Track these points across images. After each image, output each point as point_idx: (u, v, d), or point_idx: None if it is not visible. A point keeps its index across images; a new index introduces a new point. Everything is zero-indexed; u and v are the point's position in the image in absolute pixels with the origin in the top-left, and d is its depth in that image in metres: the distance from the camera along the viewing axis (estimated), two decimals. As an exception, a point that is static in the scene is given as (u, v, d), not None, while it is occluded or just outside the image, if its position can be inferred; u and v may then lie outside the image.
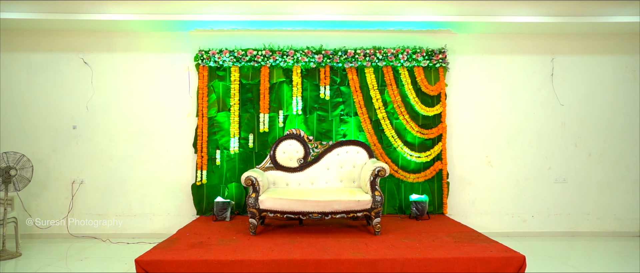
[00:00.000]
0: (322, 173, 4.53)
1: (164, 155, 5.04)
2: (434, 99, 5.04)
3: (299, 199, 3.86)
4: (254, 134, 4.98)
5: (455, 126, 5.12)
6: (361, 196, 3.90)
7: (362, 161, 4.48)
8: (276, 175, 4.49)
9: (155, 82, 5.06)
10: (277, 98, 5.01)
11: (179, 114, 5.06)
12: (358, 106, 4.98)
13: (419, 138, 5.01)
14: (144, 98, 5.05)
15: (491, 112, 5.13)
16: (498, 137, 5.13)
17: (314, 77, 5.02)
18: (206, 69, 5.00)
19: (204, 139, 4.96)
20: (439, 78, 5.05)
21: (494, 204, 5.10)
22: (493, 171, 5.11)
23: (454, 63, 5.13)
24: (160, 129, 5.05)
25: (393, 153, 5.01)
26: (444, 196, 5.01)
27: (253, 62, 4.95)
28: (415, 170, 5.01)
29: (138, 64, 5.06)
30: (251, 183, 3.91)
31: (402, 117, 4.98)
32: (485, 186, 5.10)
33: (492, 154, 5.12)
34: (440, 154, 5.03)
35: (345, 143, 4.61)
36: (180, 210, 5.02)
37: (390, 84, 5.00)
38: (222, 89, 5.01)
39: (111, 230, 4.97)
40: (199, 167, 4.94)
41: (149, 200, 5.02)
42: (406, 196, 4.98)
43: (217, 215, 4.64)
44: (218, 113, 4.98)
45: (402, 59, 4.96)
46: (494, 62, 5.15)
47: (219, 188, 4.96)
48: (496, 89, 5.14)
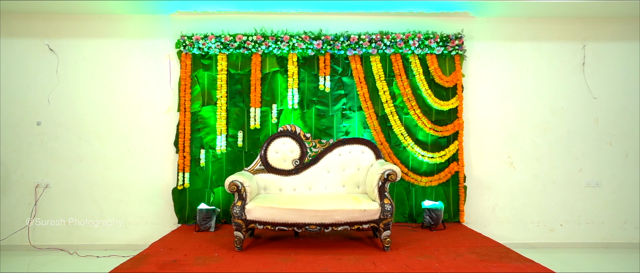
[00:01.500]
0: (321, 176, 3.90)
1: (141, 155, 4.42)
2: (449, 91, 4.42)
3: (293, 208, 3.24)
4: (244, 131, 4.36)
5: (472, 122, 4.50)
6: (367, 204, 3.28)
7: (368, 162, 3.85)
8: (268, 179, 3.87)
9: (131, 72, 4.44)
10: (270, 90, 4.39)
11: (159, 109, 4.44)
12: (362, 100, 4.36)
13: (432, 136, 4.39)
14: (118, 91, 4.43)
15: (514, 106, 4.51)
16: (521, 135, 4.51)
17: (312, 66, 4.40)
18: (189, 57, 4.38)
19: (186, 137, 4.34)
20: (454, 68, 4.43)
21: (517, 211, 4.48)
22: (516, 174, 4.49)
23: (472, 51, 4.51)
24: (137, 126, 4.43)
25: (402, 153, 4.39)
26: (460, 202, 4.39)
27: (242, 49, 4.33)
28: (428, 172, 4.39)
29: (111, 52, 4.44)
30: (236, 189, 3.29)
31: (413, 112, 4.36)
32: (507, 190, 4.49)
33: (515, 155, 4.50)
34: (456, 154, 4.41)
35: (349, 142, 3.99)
36: (160, 217, 4.41)
37: (400, 75, 4.38)
38: (208, 80, 4.39)
39: (80, 241, 4.35)
40: (181, 169, 4.32)
41: (123, 207, 4.40)
42: (417, 202, 4.36)
43: (199, 225, 4.02)
44: (203, 107, 4.37)
45: (413, 45, 4.33)
46: (517, 49, 4.53)
47: (204, 193, 4.34)
48: (519, 80, 4.52)
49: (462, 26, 4.44)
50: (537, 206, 4.48)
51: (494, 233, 4.37)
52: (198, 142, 4.37)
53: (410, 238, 3.71)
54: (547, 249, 4.35)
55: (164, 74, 4.46)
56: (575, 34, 4.51)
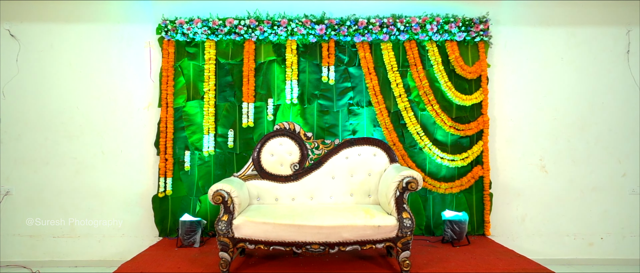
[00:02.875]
0: (325, 183, 3.30)
1: (117, 157, 3.84)
2: (472, 84, 3.83)
3: (291, 224, 2.65)
4: (235, 130, 3.78)
5: (498, 119, 3.91)
6: (382, 219, 2.69)
7: (380, 167, 3.25)
8: (261, 187, 3.27)
9: (105, 62, 3.87)
10: (266, 83, 3.80)
11: (137, 104, 3.87)
12: (372, 94, 3.77)
13: (452, 136, 3.80)
14: (90, 83, 3.85)
15: (546, 101, 3.92)
16: (555, 134, 3.91)
17: (314, 55, 3.81)
18: (172, 45, 3.80)
19: (168, 136, 3.75)
20: (478, 57, 3.84)
21: (551, 222, 3.89)
22: (549, 179, 3.90)
23: (498, 37, 3.92)
24: (112, 124, 3.85)
25: (418, 155, 3.80)
26: (485, 212, 3.80)
27: (234, 36, 3.74)
28: (448, 178, 3.80)
29: (83, 39, 3.86)
30: (222, 200, 2.70)
31: (431, 107, 3.76)
32: (538, 198, 3.89)
33: (548, 157, 3.91)
34: (481, 156, 3.82)
35: (357, 142, 3.39)
36: (138, 229, 3.83)
37: (415, 65, 3.79)
38: (193, 71, 3.81)
39: (46, 257, 3.78)
40: (163, 173, 3.74)
41: (97, 217, 3.83)
42: (436, 211, 3.77)
43: (182, 239, 3.44)
44: (187, 102, 3.79)
45: (431, 30, 3.74)
46: (550, 36, 3.93)
47: (188, 201, 3.75)
48: (553, 71, 3.93)
49: (486, 9, 3.84)
50: (573, 216, 3.89)
51: (524, 247, 3.79)
52: (182, 142, 3.78)
53: (431, 256, 3.12)
54: (585, 266, 3.77)
55: (143, 64, 3.88)
56: (617, 18, 3.91)
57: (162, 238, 3.74)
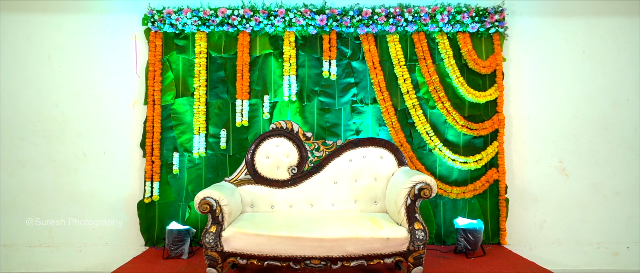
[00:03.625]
0: (326, 188, 2.99)
1: (99, 160, 3.53)
2: (485, 79, 3.53)
3: (289, 236, 2.34)
4: (228, 129, 3.47)
5: (514, 118, 3.61)
6: (391, 230, 2.38)
7: (387, 170, 2.94)
8: (255, 193, 2.96)
9: (87, 56, 3.56)
10: (261, 78, 3.50)
11: (122, 101, 3.56)
12: (377, 90, 3.46)
13: (464, 136, 3.50)
14: (71, 79, 3.55)
15: (566, 98, 3.62)
16: (576, 134, 3.61)
17: (314, 48, 3.50)
18: (159, 37, 3.49)
19: (155, 136, 3.45)
20: (493, 50, 3.53)
21: (571, 229, 3.59)
22: (569, 183, 3.60)
23: (514, 29, 3.61)
24: (94, 123, 3.55)
25: (427, 157, 3.49)
26: (501, 218, 3.49)
27: (226, 27, 3.44)
28: (460, 181, 3.50)
29: (63, 31, 3.56)
30: (209, 209, 2.38)
31: (441, 105, 3.46)
32: (558, 204, 3.59)
33: (568, 159, 3.60)
34: (495, 158, 3.51)
35: (362, 143, 3.07)
36: (123, 237, 3.52)
37: (424, 58, 3.48)
38: (183, 66, 3.50)
39: (22, 268, 3.48)
40: (149, 177, 3.43)
41: (78, 224, 3.52)
42: (447, 218, 3.47)
43: (169, 250, 3.13)
44: (176, 100, 3.48)
45: (441, 21, 3.43)
46: (570, 27, 3.63)
47: (177, 207, 3.44)
48: (573, 65, 3.63)
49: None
50: (596, 223, 3.58)
51: (542, 257, 3.48)
52: (170, 143, 3.47)
53: (444, 269, 2.81)
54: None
55: (128, 58, 3.57)
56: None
57: (149, 247, 3.43)
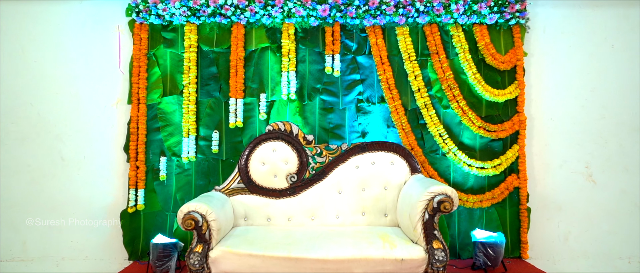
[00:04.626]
0: (329, 199, 2.65)
1: (79, 164, 3.21)
2: (505, 76, 3.21)
3: (287, 256, 2.01)
4: (221, 131, 3.15)
5: (536, 119, 3.29)
6: (405, 249, 2.05)
7: (399, 178, 2.61)
8: (250, 203, 2.63)
9: (65, 50, 3.25)
10: (257, 75, 3.17)
11: (104, 100, 3.25)
12: (385, 88, 3.14)
13: (481, 138, 3.17)
14: (47, 76, 3.24)
15: (593, 97, 3.29)
16: (604, 136, 3.29)
17: (316, 41, 3.18)
18: (145, 29, 3.17)
19: (140, 139, 3.12)
20: (513, 43, 3.21)
21: (599, 241, 3.27)
22: (597, 190, 3.27)
23: (536, 20, 3.29)
24: (73, 125, 3.23)
25: (441, 162, 3.16)
26: (522, 230, 3.17)
27: (219, 18, 3.11)
28: (476, 189, 3.17)
29: (38, 21, 3.25)
30: (195, 226, 2.05)
31: (456, 104, 3.13)
32: (584, 213, 3.27)
33: (595, 164, 3.28)
34: (516, 163, 3.19)
35: (370, 147, 2.75)
36: (105, 250, 3.21)
37: (437, 53, 3.16)
38: (171, 61, 3.18)
39: (-8, 285, 3.15)
40: (133, 184, 3.11)
41: (55, 236, 3.21)
42: (462, 229, 3.14)
43: (154, 265, 2.80)
44: (163, 98, 3.16)
45: (456, 11, 3.10)
46: (598, 18, 3.30)
47: (164, 217, 3.12)
48: (601, 60, 3.30)
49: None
50: (626, 234, 3.26)
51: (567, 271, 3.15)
52: (157, 146, 3.15)
53: (463, 291, 2.48)
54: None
55: (111, 52, 3.25)
56: (679, -3, 3.28)
57: (132, 262, 3.11)
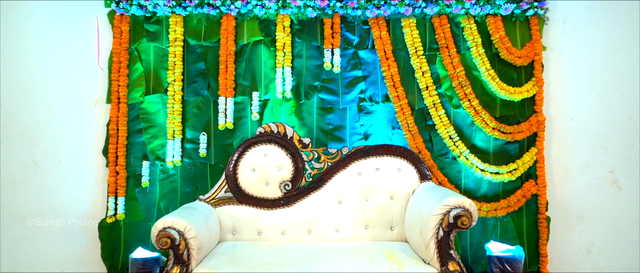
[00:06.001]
0: (328, 210, 2.37)
1: (53, 170, 2.94)
2: (521, 72, 2.94)
3: (278, 280, 1.72)
4: (209, 133, 2.87)
5: (555, 119, 3.01)
6: (415, 270, 1.75)
7: (407, 186, 2.33)
8: (238, 215, 2.34)
9: (38, 43, 2.97)
10: (250, 71, 2.90)
11: (81, 99, 2.98)
12: (390, 85, 2.86)
13: (496, 140, 2.89)
14: (18, 72, 2.96)
15: (618, 96, 3.02)
16: (630, 138, 3.01)
17: (314, 34, 2.91)
18: (126, 21, 2.89)
19: (121, 142, 2.85)
20: (530, 37, 2.93)
21: (626, 254, 2.99)
22: (622, 197, 2.99)
23: (555, 12, 3.02)
24: (47, 126, 2.96)
25: (451, 167, 2.88)
26: (541, 241, 2.89)
27: (207, 9, 2.85)
28: (490, 196, 2.89)
29: (10, 12, 2.97)
30: (170, 245, 1.76)
31: (468, 103, 2.85)
32: (609, 223, 3.00)
33: (620, 169, 3.00)
34: (533, 168, 2.91)
35: (374, 152, 2.46)
36: (82, 264, 2.93)
37: (447, 47, 2.88)
38: (154, 56, 2.91)
39: (-43, 303, 2.87)
40: (113, 191, 2.83)
41: (27, 248, 2.93)
42: (474, 241, 2.86)
43: (134, 283, 2.51)
44: (146, 97, 2.90)
45: (468, 1, 2.83)
46: (624, 8, 3.03)
47: (147, 228, 2.84)
48: (626, 56, 3.03)
49: (540, -26, 2.93)
50: (655, 247, 2.98)
51: (590, 287, 2.88)
52: (139, 150, 2.88)
53: (480, 314, 2.20)
54: (672, 313, 2.85)
55: (89, 46, 2.97)
56: None
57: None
